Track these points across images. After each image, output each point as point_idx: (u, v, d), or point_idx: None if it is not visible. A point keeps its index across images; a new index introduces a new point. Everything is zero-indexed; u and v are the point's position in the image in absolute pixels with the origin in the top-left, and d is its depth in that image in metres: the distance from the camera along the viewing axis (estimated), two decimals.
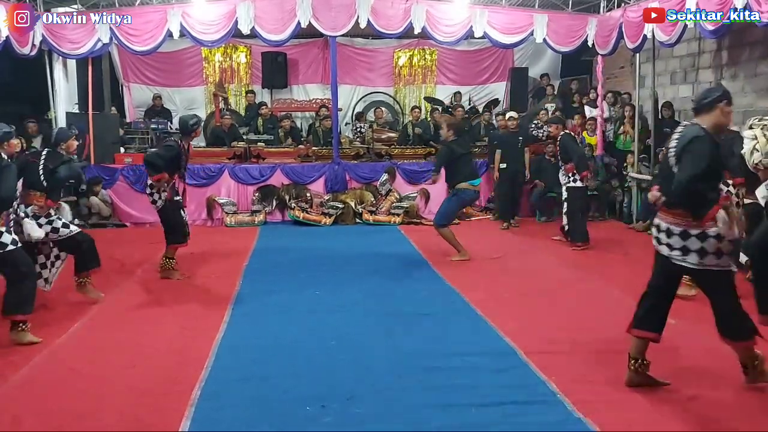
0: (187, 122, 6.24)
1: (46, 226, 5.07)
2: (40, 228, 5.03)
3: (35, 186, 5.03)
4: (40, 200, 5.04)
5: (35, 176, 5.04)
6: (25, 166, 5.04)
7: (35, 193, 5.04)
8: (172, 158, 5.96)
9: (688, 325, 4.82)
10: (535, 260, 7.07)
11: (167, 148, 6.05)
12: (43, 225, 5.05)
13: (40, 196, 5.05)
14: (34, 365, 4.07)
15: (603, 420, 3.27)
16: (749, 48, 8.53)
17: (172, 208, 6.12)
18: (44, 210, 5.07)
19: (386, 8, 9.43)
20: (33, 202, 5.02)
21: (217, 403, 3.50)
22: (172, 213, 6.13)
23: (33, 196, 5.03)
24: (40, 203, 5.03)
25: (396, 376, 3.88)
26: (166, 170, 5.91)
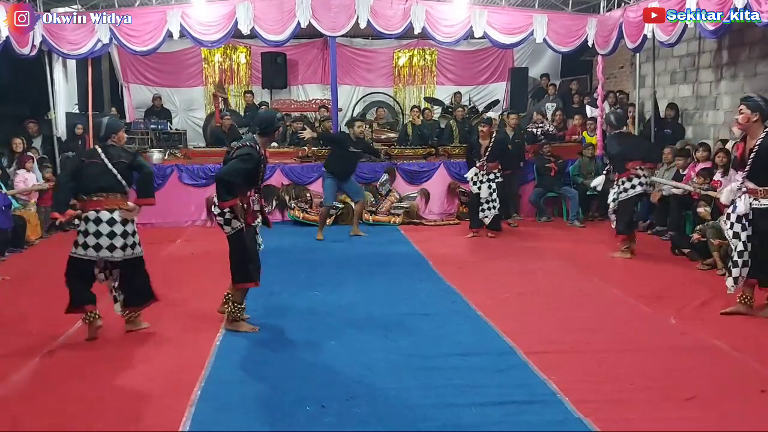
0: (273, 118, 4.82)
1: (136, 236, 4.55)
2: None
3: (113, 188, 4.46)
4: (124, 203, 4.50)
5: (108, 178, 4.44)
6: (80, 169, 4.53)
7: (114, 196, 4.47)
8: (250, 171, 4.56)
9: (688, 325, 4.83)
10: (535, 260, 7.06)
11: (246, 159, 4.49)
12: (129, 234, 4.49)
13: (122, 197, 4.50)
14: (33, 365, 4.07)
15: (603, 420, 3.26)
16: (749, 48, 8.54)
17: (249, 235, 4.67)
18: (136, 213, 4.54)
19: (386, 8, 9.43)
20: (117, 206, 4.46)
21: (217, 404, 3.50)
22: (249, 241, 4.66)
23: (114, 199, 4.46)
24: (127, 206, 4.50)
25: (396, 376, 3.87)
26: (242, 187, 4.55)
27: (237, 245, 4.63)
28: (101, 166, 4.44)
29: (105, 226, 4.40)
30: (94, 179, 4.44)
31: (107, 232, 4.40)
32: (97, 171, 4.44)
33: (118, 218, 4.42)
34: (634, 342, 4.45)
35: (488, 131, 8.12)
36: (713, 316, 5.04)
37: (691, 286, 5.90)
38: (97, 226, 4.40)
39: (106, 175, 4.44)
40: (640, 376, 3.83)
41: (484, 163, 8.09)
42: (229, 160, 4.62)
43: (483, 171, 8.10)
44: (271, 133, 4.81)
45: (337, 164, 8.36)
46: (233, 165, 4.51)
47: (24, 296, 5.76)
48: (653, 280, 6.16)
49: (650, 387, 3.69)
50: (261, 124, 4.75)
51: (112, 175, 4.44)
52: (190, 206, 9.46)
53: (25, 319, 5.06)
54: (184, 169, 9.52)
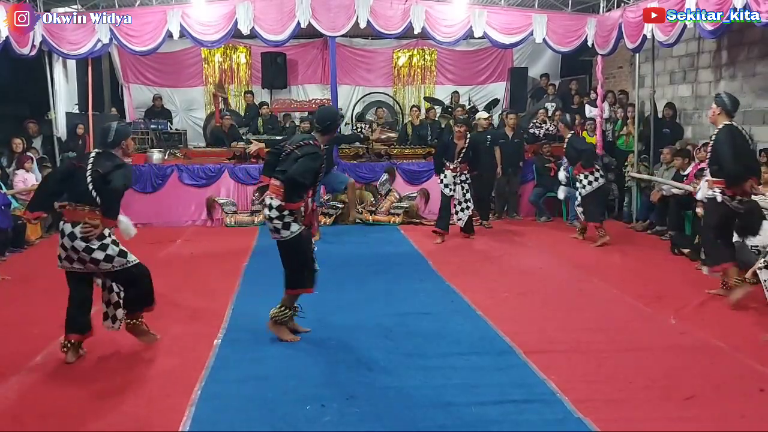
0: (336, 114, 4.75)
1: (98, 252, 4.05)
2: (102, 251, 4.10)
3: (83, 198, 4.05)
4: (92, 217, 4.05)
5: (82, 185, 4.04)
6: (71, 173, 4.18)
7: (83, 208, 4.04)
8: (316, 170, 4.41)
9: (687, 324, 4.83)
10: (535, 260, 7.07)
11: (314, 158, 4.31)
12: (95, 250, 4.05)
13: (90, 211, 4.05)
14: (33, 365, 4.07)
15: (602, 419, 3.27)
16: (748, 48, 8.54)
17: (307, 239, 4.51)
18: (98, 230, 4.04)
19: (385, 8, 9.43)
20: (82, 220, 4.03)
21: (217, 403, 3.51)
22: (306, 245, 4.50)
23: (81, 211, 4.05)
24: (92, 221, 4.03)
25: (396, 376, 3.88)
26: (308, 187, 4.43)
27: (295, 250, 4.42)
28: (83, 172, 4.07)
29: (67, 240, 4.06)
30: (73, 186, 4.12)
31: (69, 246, 4.06)
32: (78, 177, 4.08)
33: (78, 234, 4.00)
34: (634, 342, 4.46)
35: (464, 132, 7.96)
36: (713, 315, 5.05)
37: (690, 286, 5.90)
38: (62, 238, 4.10)
39: (81, 182, 4.05)
40: (639, 376, 3.84)
41: (457, 164, 7.92)
42: (285, 158, 4.41)
43: (456, 172, 7.94)
44: (333, 130, 4.67)
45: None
46: (305, 164, 4.26)
47: (24, 296, 5.76)
48: (653, 280, 6.17)
49: (650, 386, 3.70)
50: (324, 121, 4.53)
51: (85, 183, 4.03)
52: (190, 206, 9.46)
53: (26, 319, 5.06)
54: (184, 169, 9.53)
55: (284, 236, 4.38)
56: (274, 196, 4.39)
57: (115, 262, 4.11)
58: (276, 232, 4.41)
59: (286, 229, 4.37)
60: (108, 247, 4.08)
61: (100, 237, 4.05)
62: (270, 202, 4.40)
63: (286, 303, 4.53)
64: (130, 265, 4.17)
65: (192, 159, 10.00)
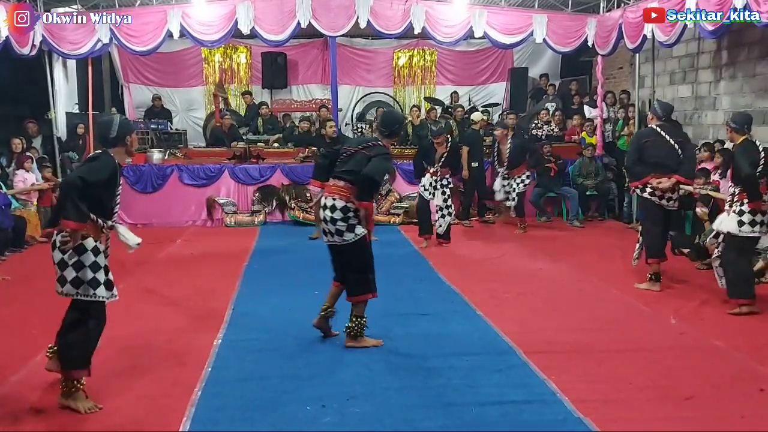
0: (402, 119, 4.73)
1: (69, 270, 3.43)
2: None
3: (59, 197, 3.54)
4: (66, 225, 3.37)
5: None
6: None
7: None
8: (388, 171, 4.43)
9: (687, 324, 4.84)
10: (535, 260, 7.07)
11: (387, 158, 4.33)
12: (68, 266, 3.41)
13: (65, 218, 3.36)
14: (34, 365, 4.07)
15: (602, 419, 3.27)
16: (748, 48, 8.54)
17: (369, 242, 4.41)
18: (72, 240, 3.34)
19: (386, 9, 9.44)
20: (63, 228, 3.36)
21: (217, 404, 3.50)
22: (369, 248, 4.40)
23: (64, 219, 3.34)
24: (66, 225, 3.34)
25: (396, 376, 3.88)
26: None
27: (360, 253, 4.31)
28: None
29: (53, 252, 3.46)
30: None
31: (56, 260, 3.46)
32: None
33: (57, 243, 3.40)
34: (634, 342, 4.46)
35: (443, 139, 7.82)
36: (713, 316, 5.05)
37: (690, 286, 5.90)
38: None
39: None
40: (639, 376, 3.84)
41: (437, 169, 7.75)
42: (346, 159, 4.33)
43: (436, 177, 7.76)
44: (398, 134, 4.63)
45: None
46: (380, 164, 4.20)
47: (24, 296, 5.75)
48: None
49: (650, 386, 3.70)
50: (390, 125, 4.48)
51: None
52: (190, 206, 9.46)
53: (26, 319, 5.05)
54: (184, 169, 9.53)
55: (348, 239, 4.27)
56: (338, 197, 4.26)
57: (81, 290, 3.42)
58: (338, 234, 4.27)
59: (351, 232, 4.26)
60: (83, 269, 3.40)
61: (78, 250, 3.38)
62: (333, 203, 4.26)
63: (358, 312, 4.36)
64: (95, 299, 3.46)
65: (192, 159, 10.00)
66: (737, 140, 5.26)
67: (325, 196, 4.36)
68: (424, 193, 7.87)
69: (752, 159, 5.07)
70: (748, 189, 5.07)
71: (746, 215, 5.06)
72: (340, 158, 4.41)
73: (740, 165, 5.08)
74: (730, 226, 5.13)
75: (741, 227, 5.07)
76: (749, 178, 5.03)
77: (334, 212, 4.25)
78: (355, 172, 4.25)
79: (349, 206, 4.24)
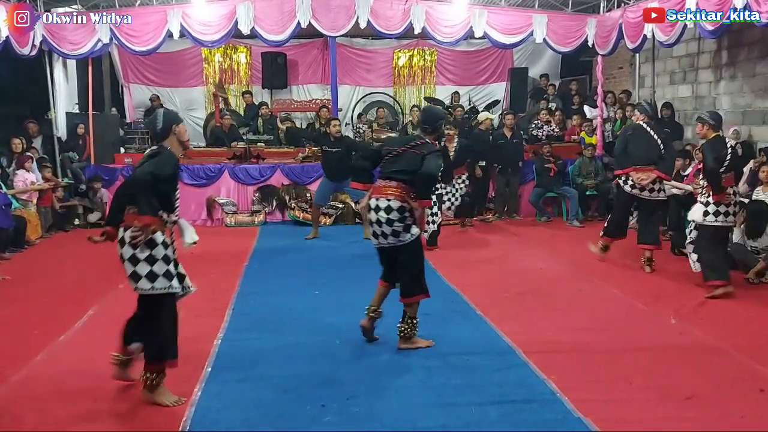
0: (443, 115, 4.78)
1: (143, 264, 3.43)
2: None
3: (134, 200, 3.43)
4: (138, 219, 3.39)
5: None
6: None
7: (133, 210, 3.43)
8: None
9: (687, 324, 4.84)
10: (535, 260, 7.07)
11: (439, 155, 4.33)
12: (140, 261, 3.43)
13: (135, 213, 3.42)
14: (34, 365, 4.07)
15: (602, 419, 3.27)
16: (747, 48, 8.55)
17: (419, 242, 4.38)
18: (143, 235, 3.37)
19: (386, 9, 9.44)
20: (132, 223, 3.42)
21: (217, 403, 3.51)
22: (422, 248, 4.44)
23: (130, 214, 3.45)
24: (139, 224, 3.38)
25: (395, 376, 3.88)
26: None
27: (416, 253, 4.29)
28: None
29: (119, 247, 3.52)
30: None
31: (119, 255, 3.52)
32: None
33: (127, 238, 3.45)
34: (634, 342, 4.45)
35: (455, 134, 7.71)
36: (713, 315, 5.05)
37: (690, 285, 5.90)
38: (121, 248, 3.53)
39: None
40: (639, 376, 3.84)
41: None
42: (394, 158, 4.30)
43: None
44: (440, 130, 4.65)
45: (325, 165, 8.32)
46: (436, 161, 4.21)
47: (24, 296, 5.76)
48: (653, 280, 6.18)
49: (649, 386, 3.70)
50: (434, 121, 4.48)
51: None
52: (190, 206, 9.45)
53: (26, 319, 5.06)
54: (184, 168, 9.51)
55: (404, 240, 4.23)
56: (393, 198, 4.20)
57: (157, 284, 3.46)
58: (394, 235, 4.21)
59: (407, 232, 4.23)
60: (156, 262, 3.45)
61: (150, 244, 3.42)
62: (388, 203, 4.19)
63: (411, 314, 4.32)
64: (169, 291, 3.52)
65: (192, 159, 9.99)
66: (710, 136, 5.61)
67: (377, 198, 4.27)
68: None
69: (718, 155, 5.47)
70: (712, 183, 5.46)
71: (711, 206, 5.49)
72: (385, 158, 4.38)
73: (706, 160, 5.49)
74: (697, 215, 5.60)
75: (706, 217, 5.53)
76: (713, 172, 5.43)
77: (390, 213, 4.19)
78: (408, 172, 4.22)
79: (404, 206, 4.20)
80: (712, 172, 5.43)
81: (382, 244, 4.31)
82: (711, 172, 5.44)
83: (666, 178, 6.45)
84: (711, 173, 5.44)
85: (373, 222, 4.27)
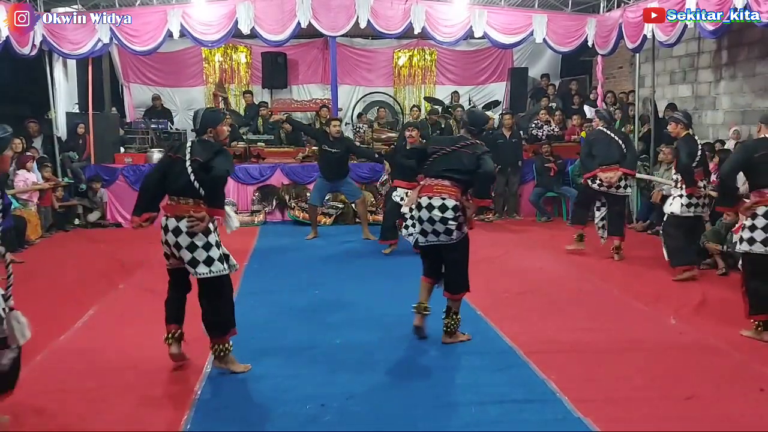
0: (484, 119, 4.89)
1: (200, 251, 3.75)
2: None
3: (185, 191, 3.78)
4: (197, 210, 3.75)
5: (183, 178, 3.77)
6: (169, 166, 3.92)
7: (186, 201, 3.77)
8: None
9: (687, 324, 4.84)
10: (535, 260, 7.07)
11: (491, 155, 4.45)
12: (198, 248, 3.75)
13: (194, 203, 3.76)
14: (34, 365, 4.07)
15: (602, 419, 3.27)
16: (747, 48, 8.55)
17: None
18: (204, 224, 3.72)
19: (386, 9, 9.44)
20: (187, 214, 3.74)
21: (217, 403, 3.51)
22: (469, 246, 4.49)
23: (184, 205, 3.77)
24: (197, 214, 3.73)
25: (395, 376, 3.89)
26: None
27: (466, 250, 4.40)
28: (182, 164, 3.79)
29: (171, 236, 3.77)
30: (173, 179, 3.85)
31: (173, 243, 3.78)
32: (177, 170, 3.82)
33: (183, 228, 3.71)
34: (634, 342, 4.46)
35: (417, 136, 7.04)
36: (713, 315, 5.05)
37: (690, 285, 5.90)
38: (165, 235, 3.81)
39: (182, 174, 3.78)
40: (639, 376, 3.84)
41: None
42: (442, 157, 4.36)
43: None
44: (484, 131, 4.70)
45: (321, 164, 8.25)
46: (491, 160, 4.36)
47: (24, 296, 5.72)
48: (653, 280, 6.18)
49: (649, 386, 3.70)
50: (480, 123, 4.64)
51: (186, 175, 3.76)
52: None
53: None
54: None
55: (455, 238, 4.30)
56: (447, 197, 4.27)
57: (213, 267, 3.77)
58: (447, 234, 4.28)
59: (459, 230, 4.30)
60: (211, 248, 3.77)
61: (206, 232, 3.74)
62: (442, 202, 4.25)
63: (456, 309, 4.42)
64: (224, 273, 3.86)
65: None
66: (682, 134, 6.08)
67: (429, 197, 4.32)
68: (395, 196, 7.17)
69: (691, 151, 5.96)
70: (685, 177, 5.95)
71: (684, 198, 6.02)
72: (432, 157, 4.43)
73: (680, 155, 5.97)
74: (675, 208, 6.08)
75: (682, 209, 6.04)
76: (686, 167, 5.92)
77: (445, 212, 4.24)
78: (462, 171, 4.32)
79: (458, 205, 4.27)
80: (686, 168, 5.90)
81: (431, 242, 4.36)
82: (685, 168, 5.91)
83: (631, 173, 7.03)
84: (685, 168, 5.91)
85: (424, 220, 4.32)
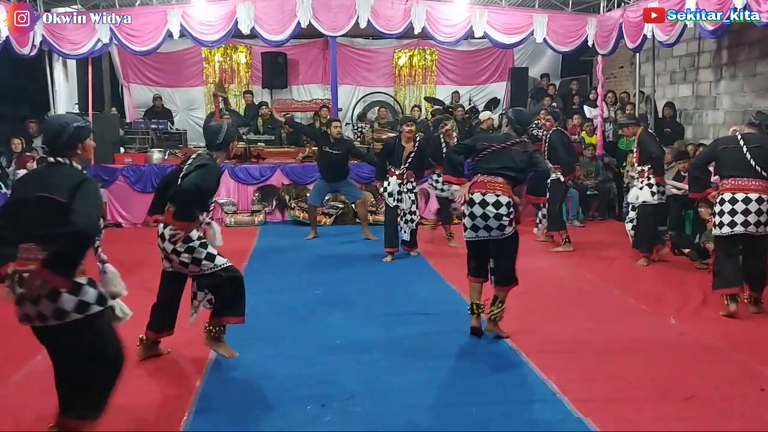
0: (529, 119, 5.13)
1: (185, 255, 3.87)
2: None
3: (173, 200, 3.89)
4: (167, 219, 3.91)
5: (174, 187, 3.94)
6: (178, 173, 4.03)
7: (172, 209, 3.89)
8: None
9: (687, 324, 4.83)
10: (535, 260, 7.06)
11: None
12: (181, 253, 3.87)
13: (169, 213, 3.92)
14: (34, 365, 4.07)
15: (602, 419, 3.27)
16: (748, 48, 8.55)
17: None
18: (180, 234, 3.82)
19: (386, 8, 9.45)
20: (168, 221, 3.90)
21: (217, 404, 3.51)
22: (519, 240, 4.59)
23: (169, 212, 3.90)
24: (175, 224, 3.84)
25: (396, 376, 3.88)
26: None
27: (516, 245, 4.52)
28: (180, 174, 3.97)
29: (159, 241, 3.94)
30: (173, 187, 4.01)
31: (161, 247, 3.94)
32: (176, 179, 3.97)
33: (167, 235, 3.86)
34: (634, 342, 4.46)
35: (413, 133, 6.96)
36: (713, 315, 5.05)
37: (690, 286, 5.90)
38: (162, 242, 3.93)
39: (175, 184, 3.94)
40: (639, 376, 3.84)
41: (403, 171, 6.97)
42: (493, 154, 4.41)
43: (402, 180, 6.98)
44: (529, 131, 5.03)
45: (321, 165, 8.22)
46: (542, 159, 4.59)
47: None
48: (653, 280, 6.18)
49: (650, 386, 3.70)
50: (525, 123, 4.75)
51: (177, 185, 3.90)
52: None
53: None
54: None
55: (507, 233, 4.39)
56: (501, 193, 4.35)
57: (203, 266, 3.89)
58: (500, 229, 4.35)
59: (511, 225, 4.40)
60: (195, 250, 3.86)
61: (186, 240, 3.83)
62: (496, 198, 4.31)
63: (502, 298, 4.51)
64: (218, 269, 3.92)
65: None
66: (638, 132, 6.66)
67: (482, 192, 4.36)
68: (388, 200, 7.08)
69: (657, 143, 6.65)
70: (657, 166, 6.49)
71: (654, 187, 6.53)
72: (482, 154, 4.46)
73: (651, 149, 6.51)
74: (646, 196, 6.55)
75: (653, 197, 6.54)
76: (659, 158, 6.55)
77: (500, 208, 4.31)
78: (515, 169, 4.41)
79: (510, 202, 4.36)
80: (659, 158, 6.54)
81: (482, 237, 4.41)
82: (658, 158, 6.52)
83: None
84: (658, 158, 6.53)
85: (477, 216, 4.36)
